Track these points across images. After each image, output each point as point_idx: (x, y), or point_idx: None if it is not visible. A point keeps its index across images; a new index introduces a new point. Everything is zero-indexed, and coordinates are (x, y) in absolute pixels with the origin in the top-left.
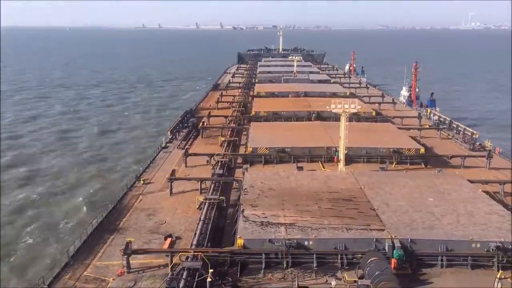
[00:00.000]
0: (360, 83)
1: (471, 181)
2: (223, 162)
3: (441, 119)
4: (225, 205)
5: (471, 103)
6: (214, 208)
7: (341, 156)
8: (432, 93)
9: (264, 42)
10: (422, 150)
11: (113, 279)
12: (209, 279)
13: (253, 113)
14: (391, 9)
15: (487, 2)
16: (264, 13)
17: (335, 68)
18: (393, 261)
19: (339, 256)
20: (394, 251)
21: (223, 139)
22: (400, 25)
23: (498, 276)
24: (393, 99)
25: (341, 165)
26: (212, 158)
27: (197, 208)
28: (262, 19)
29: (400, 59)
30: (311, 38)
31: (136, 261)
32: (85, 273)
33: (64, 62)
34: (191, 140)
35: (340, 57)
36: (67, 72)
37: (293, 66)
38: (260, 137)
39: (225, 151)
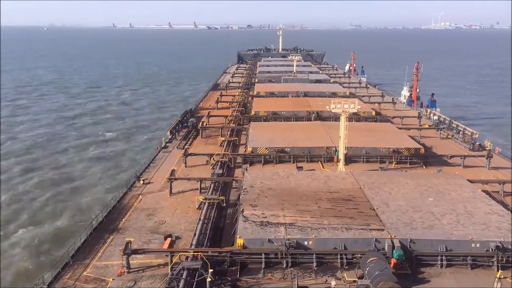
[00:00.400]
0: (360, 83)
1: (471, 181)
2: (222, 162)
3: (441, 119)
4: (224, 205)
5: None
6: (214, 208)
7: (341, 156)
8: (433, 94)
9: (243, 42)
10: (422, 150)
11: (113, 279)
12: (209, 279)
13: (252, 113)
14: (362, 9)
15: (455, 3)
16: (238, 13)
17: (334, 68)
18: (393, 261)
19: (338, 256)
20: (394, 251)
21: (222, 139)
22: (373, 25)
23: (497, 276)
24: (392, 99)
25: (340, 165)
26: (211, 158)
27: (197, 208)
28: (237, 19)
29: (389, 59)
30: (289, 37)
31: (136, 261)
32: (85, 273)
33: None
34: (190, 140)
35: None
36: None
37: (292, 66)
38: (260, 137)
39: (224, 151)
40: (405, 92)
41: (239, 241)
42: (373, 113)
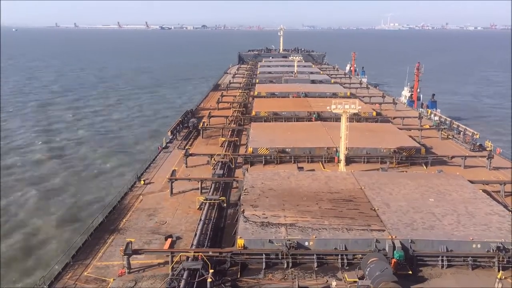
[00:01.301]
0: (360, 83)
1: (472, 182)
2: (223, 162)
3: (441, 119)
4: (225, 205)
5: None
6: (215, 209)
7: (342, 157)
8: (434, 94)
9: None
10: (423, 150)
11: (113, 279)
12: (209, 280)
13: (253, 113)
14: (315, 10)
15: (404, 3)
16: (193, 12)
17: (335, 69)
18: (394, 261)
19: (339, 257)
20: (395, 252)
21: (223, 139)
22: (327, 26)
23: (498, 276)
24: (393, 100)
25: (341, 165)
26: (212, 159)
27: (198, 209)
28: (191, 19)
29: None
30: (248, 37)
31: (137, 261)
32: (85, 273)
33: None
34: (191, 140)
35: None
36: None
37: (293, 66)
38: (261, 137)
39: (225, 151)
40: (405, 93)
41: (240, 242)
42: (374, 113)
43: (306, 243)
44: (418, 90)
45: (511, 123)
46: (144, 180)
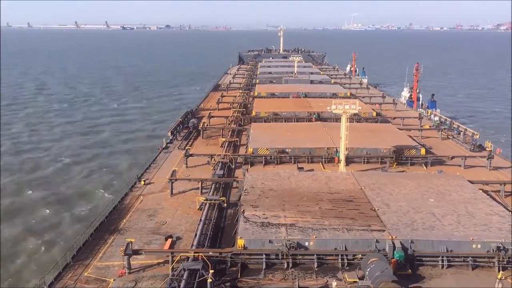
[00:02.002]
0: (360, 83)
1: (472, 182)
2: (223, 162)
3: (441, 119)
4: (225, 205)
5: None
6: (215, 209)
7: (342, 157)
8: (433, 95)
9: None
10: (423, 150)
11: (113, 280)
12: (209, 280)
13: (253, 113)
14: (279, 10)
15: (367, 4)
16: (156, 12)
17: (335, 69)
18: (394, 261)
19: (339, 257)
20: (395, 252)
21: (223, 139)
22: (292, 26)
23: (498, 276)
24: (393, 100)
25: (341, 165)
26: (212, 159)
27: (198, 209)
28: (154, 19)
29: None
30: (216, 38)
31: (137, 261)
32: (85, 273)
33: None
34: (191, 140)
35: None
36: None
37: (293, 66)
38: (261, 137)
39: (225, 151)
40: (405, 93)
41: (240, 242)
42: (374, 114)
43: (306, 243)
44: (418, 90)
45: (511, 123)
46: (144, 181)
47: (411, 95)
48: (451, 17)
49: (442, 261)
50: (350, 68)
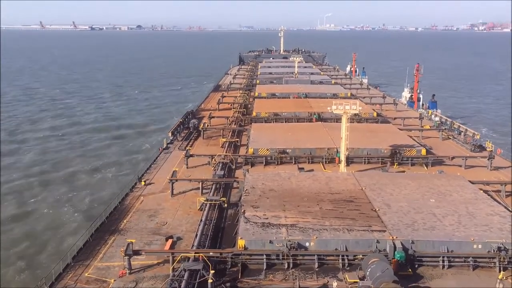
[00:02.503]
0: (361, 84)
1: (473, 182)
2: (224, 163)
3: (442, 120)
4: (226, 206)
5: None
6: (215, 209)
7: (342, 157)
8: (434, 95)
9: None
10: (424, 151)
11: (114, 280)
12: (210, 280)
13: (254, 114)
14: (254, 11)
15: (340, 4)
16: (127, 12)
17: (336, 69)
18: (394, 262)
19: (340, 257)
20: (395, 252)
21: (224, 140)
22: (266, 26)
23: (499, 277)
24: (394, 100)
25: (342, 166)
26: (213, 159)
27: (198, 209)
28: (125, 19)
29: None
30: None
31: (137, 262)
32: (86, 274)
33: None
34: (192, 141)
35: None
36: None
37: (293, 67)
38: (261, 138)
39: (226, 152)
40: (406, 94)
41: (241, 242)
42: (375, 114)
43: (307, 244)
44: (418, 90)
45: (511, 123)
46: (144, 181)
47: (411, 95)
48: (425, 18)
49: (443, 261)
50: (350, 68)
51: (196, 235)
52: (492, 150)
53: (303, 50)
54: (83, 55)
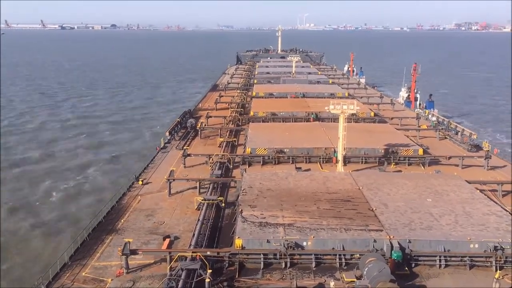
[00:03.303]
0: (358, 84)
1: (469, 182)
2: (221, 162)
3: (439, 119)
4: (223, 205)
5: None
6: (213, 209)
7: (340, 157)
8: (431, 95)
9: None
10: (421, 150)
11: (111, 280)
12: (207, 280)
13: (251, 113)
14: (231, 10)
15: (320, 3)
16: (102, 11)
17: (333, 69)
18: (391, 261)
19: (337, 257)
20: (392, 252)
21: (221, 139)
22: (246, 26)
23: (496, 276)
24: (391, 100)
25: (339, 165)
26: (210, 159)
27: (196, 209)
28: (98, 18)
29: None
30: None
31: (135, 261)
32: (83, 273)
33: None
34: (189, 140)
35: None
36: None
37: (291, 66)
38: (259, 137)
39: (223, 151)
40: (403, 93)
41: (238, 242)
42: (372, 114)
43: (304, 243)
44: (416, 90)
45: (511, 123)
46: (142, 180)
47: (409, 95)
48: (408, 17)
49: (440, 260)
50: (348, 68)
51: (194, 234)
52: (489, 150)
53: (301, 49)
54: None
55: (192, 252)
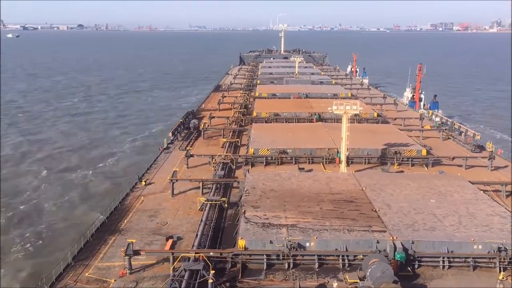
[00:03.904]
0: (361, 84)
1: (473, 183)
2: (224, 163)
3: (443, 120)
4: (226, 206)
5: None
6: (216, 209)
7: (343, 158)
8: (435, 95)
9: None
10: (424, 151)
11: (114, 280)
12: (210, 281)
13: (254, 114)
14: (203, 11)
15: (294, 4)
16: (67, 11)
17: (336, 69)
18: (395, 262)
19: (340, 258)
20: (396, 253)
21: (224, 140)
22: (219, 26)
23: (499, 277)
24: (394, 101)
25: (342, 166)
26: (213, 159)
27: (199, 209)
28: (63, 18)
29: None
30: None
31: (138, 262)
32: (86, 274)
33: None
34: (192, 141)
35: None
36: None
37: (294, 67)
38: (262, 138)
39: (226, 152)
40: (407, 94)
41: (241, 242)
42: (375, 114)
43: (307, 244)
44: (420, 91)
45: (511, 123)
46: (145, 181)
47: (413, 95)
48: (383, 18)
49: (443, 261)
50: (351, 68)
51: (197, 235)
52: (492, 151)
53: (304, 50)
54: None
55: (195, 253)
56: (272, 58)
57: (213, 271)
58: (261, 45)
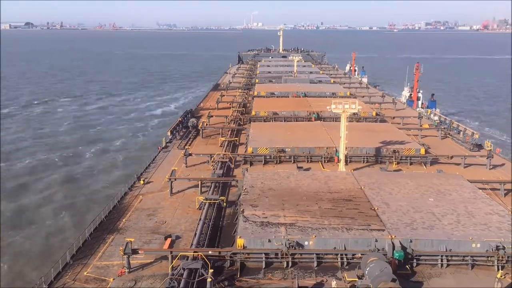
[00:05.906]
0: (360, 83)
1: (471, 181)
2: (223, 162)
3: (441, 119)
4: (225, 205)
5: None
6: (214, 208)
7: (341, 156)
8: (433, 94)
9: None
10: (422, 150)
11: (113, 279)
12: (209, 279)
13: (253, 113)
14: (172, 8)
15: (267, 3)
16: (41, 11)
17: (335, 68)
18: (393, 261)
19: (339, 256)
20: (394, 251)
21: (223, 139)
22: (190, 25)
23: (498, 276)
24: (393, 99)
25: (341, 165)
26: (212, 158)
27: (197, 208)
28: (9, 15)
29: None
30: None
31: (136, 261)
32: (85, 273)
33: None
34: (191, 140)
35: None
36: None
37: (293, 66)
38: (260, 137)
39: (225, 151)
40: (405, 93)
41: (240, 241)
42: (374, 113)
43: (306, 243)
44: (418, 89)
45: (511, 123)
46: (143, 180)
47: (411, 94)
48: (374, 17)
49: (442, 260)
50: (350, 67)
51: (195, 234)
52: (491, 149)
53: (302, 49)
54: None
55: (194, 252)
56: (270, 57)
57: (212, 270)
58: (248, 45)
